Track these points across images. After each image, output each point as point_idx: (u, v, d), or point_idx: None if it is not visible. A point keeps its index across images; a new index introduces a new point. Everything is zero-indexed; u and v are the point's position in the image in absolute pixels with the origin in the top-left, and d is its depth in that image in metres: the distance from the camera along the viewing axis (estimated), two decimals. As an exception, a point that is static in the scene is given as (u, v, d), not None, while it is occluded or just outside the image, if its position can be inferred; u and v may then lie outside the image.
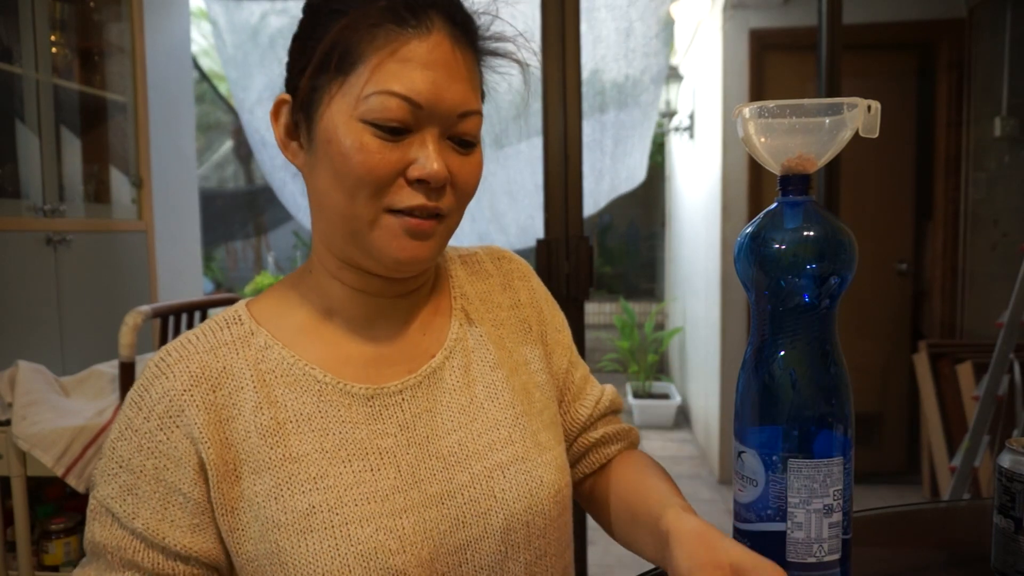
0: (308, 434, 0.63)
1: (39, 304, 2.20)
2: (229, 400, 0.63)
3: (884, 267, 3.48)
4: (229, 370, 0.64)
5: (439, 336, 0.72)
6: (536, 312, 0.79)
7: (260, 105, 2.97)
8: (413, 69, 0.60)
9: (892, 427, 3.51)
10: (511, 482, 0.67)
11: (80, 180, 2.52)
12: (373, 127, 0.60)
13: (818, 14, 1.77)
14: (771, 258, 0.58)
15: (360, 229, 0.62)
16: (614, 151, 3.00)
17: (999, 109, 3.02)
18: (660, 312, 5.88)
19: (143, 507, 0.60)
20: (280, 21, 2.89)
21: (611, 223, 7.53)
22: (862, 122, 0.58)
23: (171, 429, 0.61)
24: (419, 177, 0.61)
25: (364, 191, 0.61)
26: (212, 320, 0.68)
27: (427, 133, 0.62)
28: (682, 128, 4.51)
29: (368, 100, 0.60)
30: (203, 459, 0.61)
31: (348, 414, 0.64)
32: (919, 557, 0.80)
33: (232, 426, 0.62)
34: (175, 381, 0.62)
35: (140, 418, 0.62)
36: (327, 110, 0.62)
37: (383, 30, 0.60)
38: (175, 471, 0.61)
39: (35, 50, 2.23)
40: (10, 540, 1.75)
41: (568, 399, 0.81)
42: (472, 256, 0.80)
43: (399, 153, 0.61)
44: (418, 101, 0.60)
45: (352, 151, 0.60)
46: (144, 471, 0.61)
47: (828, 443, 0.58)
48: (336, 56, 0.61)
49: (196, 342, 0.65)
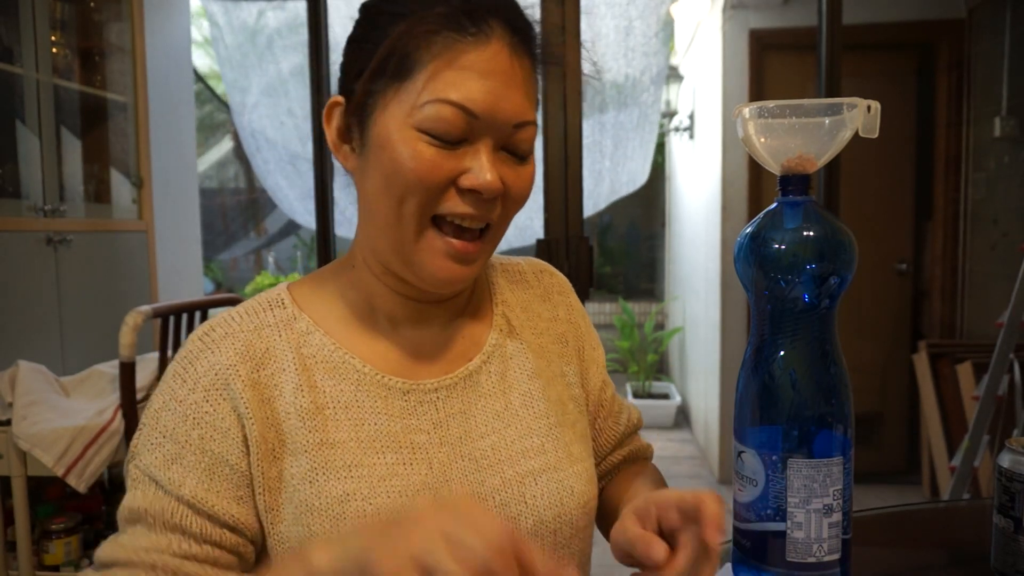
0: (345, 421, 0.63)
1: (39, 304, 2.20)
2: (272, 380, 0.63)
3: (884, 267, 3.48)
4: (272, 351, 0.64)
5: (478, 341, 0.72)
6: (574, 328, 0.80)
7: (256, 108, 2.97)
8: (470, 78, 0.59)
9: (892, 427, 3.51)
10: (542, 489, 0.67)
11: (80, 180, 2.52)
12: (428, 135, 0.59)
13: (818, 14, 1.77)
14: (771, 258, 0.58)
15: (405, 240, 0.62)
16: (614, 153, 3.00)
17: (999, 109, 3.02)
18: (660, 312, 5.88)
19: (189, 476, 0.60)
20: (278, 19, 2.88)
21: (611, 223, 7.53)
22: (862, 122, 0.58)
23: (217, 401, 0.61)
24: (471, 187, 0.60)
25: (414, 198, 0.60)
26: (254, 301, 0.68)
27: (482, 143, 0.61)
28: (682, 128, 4.51)
29: (424, 108, 0.59)
30: (247, 434, 0.61)
31: (384, 406, 0.65)
32: (919, 557, 0.80)
33: (274, 406, 0.62)
34: (221, 356, 0.63)
35: (185, 389, 0.62)
36: (381, 116, 0.61)
37: (441, 37, 0.59)
38: (221, 442, 0.61)
39: (35, 50, 2.23)
40: (10, 540, 1.75)
41: (602, 416, 0.82)
42: (514, 266, 0.80)
43: (453, 162, 0.60)
44: (474, 111, 0.59)
45: (405, 158, 0.59)
46: (189, 441, 0.60)
47: (828, 443, 0.58)
48: (393, 62, 0.60)
49: (240, 321, 0.65)
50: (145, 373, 1.84)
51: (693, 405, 4.52)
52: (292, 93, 2.92)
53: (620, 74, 2.86)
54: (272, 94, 2.95)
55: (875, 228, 3.41)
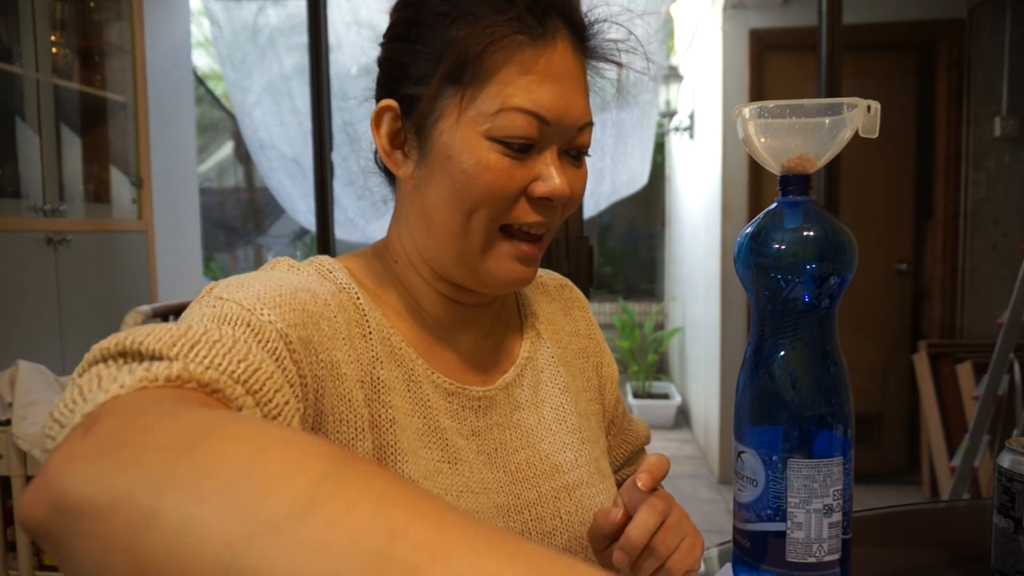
0: (400, 406, 0.61)
1: (39, 304, 2.20)
2: (345, 337, 0.58)
3: (884, 267, 3.48)
4: (342, 312, 0.59)
5: (511, 352, 0.72)
6: (593, 344, 0.80)
7: (259, 107, 2.97)
8: (541, 84, 0.57)
9: (892, 427, 3.51)
10: (576, 505, 0.67)
11: (80, 180, 2.52)
12: (500, 144, 0.58)
13: (818, 14, 1.77)
14: (771, 258, 0.58)
15: (471, 251, 0.61)
16: (615, 151, 3.00)
17: (999, 109, 3.02)
18: (660, 312, 5.87)
19: (289, 324, 0.51)
20: (279, 16, 2.87)
21: (611, 223, 7.52)
22: (862, 122, 0.58)
23: (336, 314, 0.57)
24: (543, 195, 0.60)
25: (485, 211, 0.59)
26: (307, 265, 0.63)
27: (549, 150, 0.60)
28: (682, 128, 4.51)
29: (496, 117, 0.57)
30: (341, 367, 0.56)
31: (433, 400, 0.63)
32: (919, 557, 0.80)
33: (343, 370, 0.57)
34: (325, 291, 0.59)
35: (298, 278, 0.57)
36: (446, 123, 0.58)
37: (511, 41, 0.57)
38: (329, 320, 0.56)
39: (35, 50, 2.23)
40: (10, 540, 1.75)
41: (614, 432, 0.82)
42: (537, 279, 0.80)
43: (524, 171, 0.59)
44: (547, 117, 0.58)
45: (477, 170, 0.57)
46: (300, 304, 0.53)
47: (828, 443, 0.58)
48: (464, 68, 0.57)
49: (311, 275, 0.61)
50: (145, 373, 1.84)
51: (693, 405, 4.52)
52: (296, 91, 2.91)
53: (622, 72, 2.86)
54: (274, 92, 2.94)
55: (875, 228, 3.41)
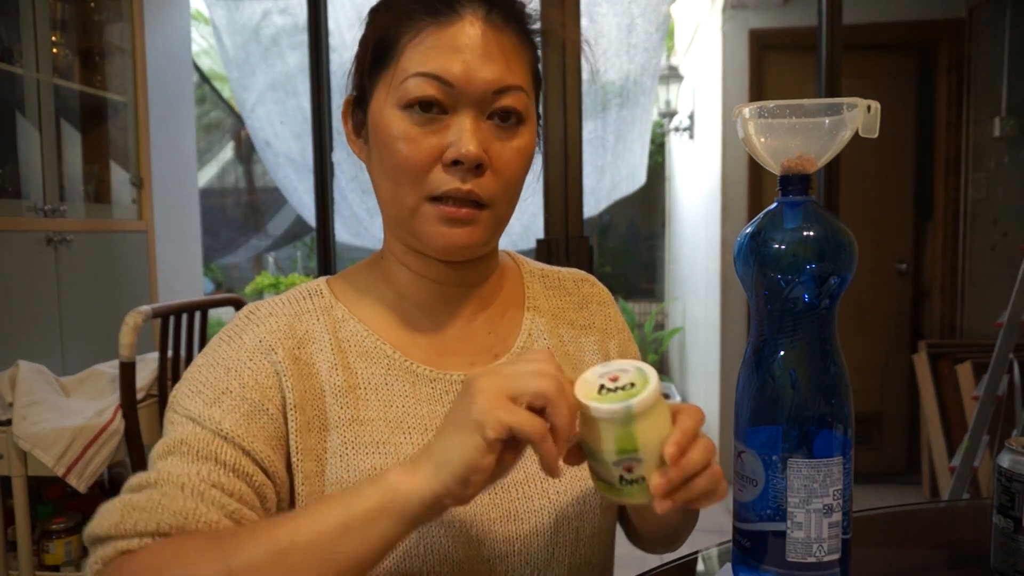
0: (375, 402, 0.67)
1: (39, 304, 2.20)
2: (310, 359, 0.67)
3: (884, 267, 3.48)
4: (311, 333, 0.68)
5: (505, 340, 0.74)
6: (612, 339, 0.80)
7: (262, 105, 2.97)
8: (443, 52, 0.62)
9: (892, 427, 3.51)
10: (566, 485, 0.69)
11: (80, 180, 2.52)
12: (409, 110, 0.63)
13: (818, 14, 1.77)
14: (771, 258, 0.58)
15: (404, 216, 0.66)
16: (615, 147, 3.00)
17: (999, 109, 3.02)
18: (660, 312, 5.87)
19: (228, 416, 0.61)
20: (283, 20, 2.88)
21: (611, 223, 7.52)
22: (862, 122, 0.58)
23: (260, 362, 0.64)
24: (454, 159, 0.62)
25: (406, 179, 0.64)
26: (294, 291, 0.72)
27: (464, 115, 0.63)
28: (682, 128, 4.50)
29: (403, 86, 0.63)
30: (285, 397, 0.64)
31: (412, 390, 0.68)
32: (919, 557, 0.80)
33: (312, 383, 0.66)
34: (266, 329, 0.66)
35: (231, 350, 0.65)
36: (374, 103, 0.66)
37: (417, 21, 0.63)
38: (260, 392, 0.63)
39: (36, 50, 2.23)
40: (11, 540, 1.75)
41: None
42: (554, 274, 0.82)
43: (437, 138, 0.63)
44: (448, 79, 0.62)
45: (394, 139, 0.63)
46: (230, 389, 0.63)
47: (828, 443, 0.58)
48: (379, 51, 0.65)
49: (282, 306, 0.69)
50: (145, 373, 1.84)
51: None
52: (300, 89, 2.92)
53: (622, 72, 2.87)
54: (279, 90, 2.95)
55: (875, 228, 3.41)
